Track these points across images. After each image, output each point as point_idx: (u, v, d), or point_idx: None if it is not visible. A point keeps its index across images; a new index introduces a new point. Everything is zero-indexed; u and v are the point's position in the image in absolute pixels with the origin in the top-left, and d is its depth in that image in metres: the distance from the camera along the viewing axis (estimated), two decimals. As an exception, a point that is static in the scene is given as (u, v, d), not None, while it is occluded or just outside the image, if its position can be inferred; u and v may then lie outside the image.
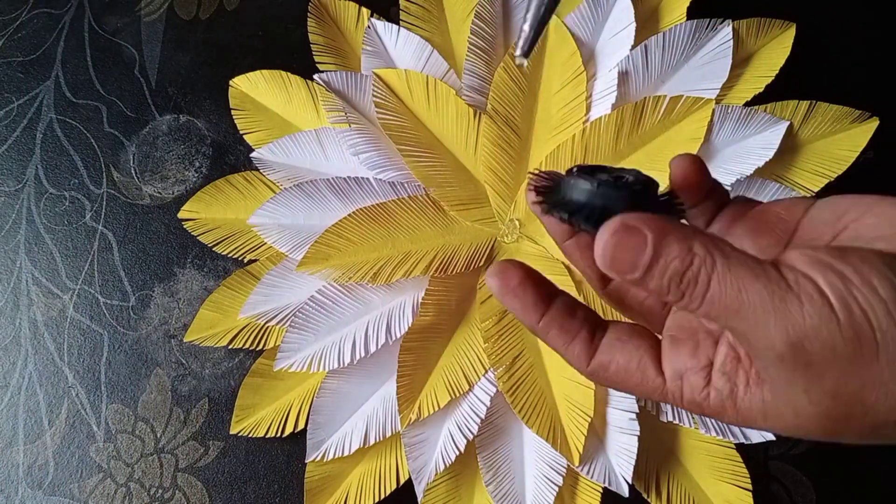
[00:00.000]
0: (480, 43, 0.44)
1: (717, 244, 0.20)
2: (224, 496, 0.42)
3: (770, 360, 0.20)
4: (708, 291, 0.20)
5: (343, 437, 0.40)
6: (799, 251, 0.20)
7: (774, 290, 0.19)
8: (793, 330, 0.19)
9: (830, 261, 0.19)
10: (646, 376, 0.23)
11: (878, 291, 0.18)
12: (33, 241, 0.46)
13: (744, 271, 0.19)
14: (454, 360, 0.41)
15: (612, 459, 0.39)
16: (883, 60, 0.46)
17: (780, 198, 0.41)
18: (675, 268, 0.20)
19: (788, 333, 0.19)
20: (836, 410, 0.19)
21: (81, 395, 0.43)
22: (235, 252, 0.44)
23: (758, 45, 0.43)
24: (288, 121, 0.46)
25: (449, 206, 0.42)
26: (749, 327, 0.19)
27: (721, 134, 0.41)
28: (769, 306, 0.19)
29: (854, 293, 0.18)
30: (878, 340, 0.18)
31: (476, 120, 0.43)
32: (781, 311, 0.19)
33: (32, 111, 0.49)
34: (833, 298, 0.18)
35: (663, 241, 0.20)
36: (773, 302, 0.19)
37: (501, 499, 0.39)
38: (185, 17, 0.50)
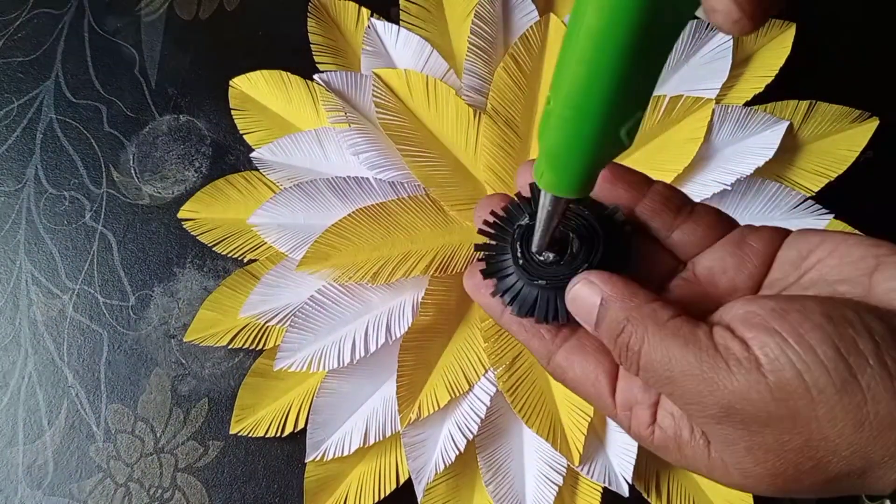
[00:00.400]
0: (480, 43, 0.44)
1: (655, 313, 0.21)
2: (224, 496, 0.42)
3: (707, 423, 0.20)
4: (640, 359, 0.21)
5: (343, 436, 0.40)
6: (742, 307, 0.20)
7: (703, 358, 0.19)
8: (723, 395, 0.19)
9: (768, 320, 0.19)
10: (599, 394, 0.24)
11: (816, 350, 0.18)
12: (33, 241, 0.46)
13: (674, 342, 0.20)
14: (454, 360, 0.41)
15: (613, 459, 0.39)
16: (883, 60, 0.46)
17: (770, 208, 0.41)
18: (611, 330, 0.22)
19: (718, 398, 0.19)
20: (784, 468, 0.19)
21: (81, 395, 0.43)
22: (235, 252, 0.44)
23: (758, 45, 0.43)
24: (288, 121, 0.46)
25: (449, 206, 0.42)
26: (683, 394, 0.20)
27: (721, 134, 0.41)
28: (698, 374, 0.19)
29: (788, 353, 0.18)
30: (814, 398, 0.18)
31: (476, 120, 0.43)
32: (710, 378, 0.19)
33: (32, 111, 0.49)
34: (763, 360, 0.19)
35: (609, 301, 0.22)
36: (701, 370, 0.19)
37: (501, 499, 0.39)
38: (185, 17, 0.50)
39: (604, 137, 0.18)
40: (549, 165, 0.20)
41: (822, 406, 0.18)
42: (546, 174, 0.20)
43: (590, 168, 0.19)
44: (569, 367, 0.24)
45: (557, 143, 0.19)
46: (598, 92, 0.17)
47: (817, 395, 0.18)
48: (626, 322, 0.21)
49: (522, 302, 0.24)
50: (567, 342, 0.24)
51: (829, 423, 0.18)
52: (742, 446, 0.20)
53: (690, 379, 0.19)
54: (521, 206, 0.25)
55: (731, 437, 0.20)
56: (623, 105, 0.17)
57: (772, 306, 0.20)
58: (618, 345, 0.21)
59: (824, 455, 0.19)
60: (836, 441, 0.18)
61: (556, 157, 0.19)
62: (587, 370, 0.24)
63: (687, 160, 0.41)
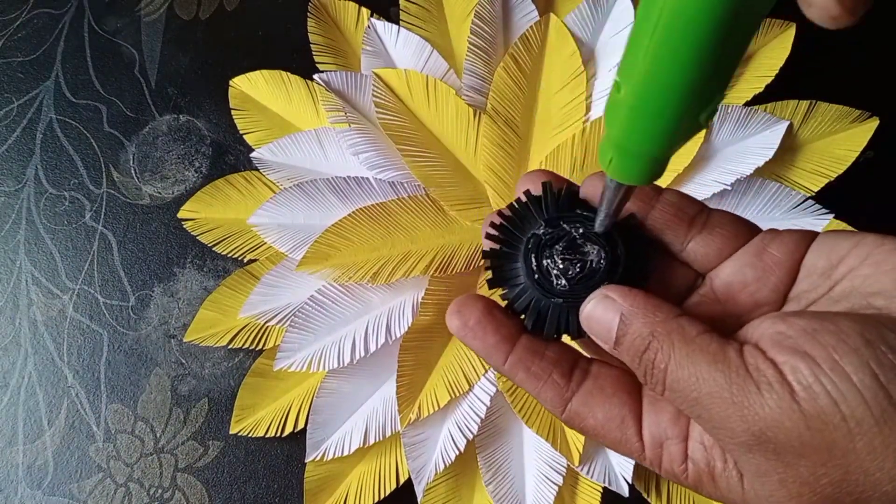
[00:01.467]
0: (480, 43, 0.44)
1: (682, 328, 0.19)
2: (224, 496, 0.42)
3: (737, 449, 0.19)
4: (667, 377, 0.19)
5: (343, 436, 0.40)
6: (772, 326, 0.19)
7: (733, 379, 0.18)
8: (754, 421, 0.18)
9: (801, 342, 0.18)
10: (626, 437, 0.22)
11: (852, 378, 0.17)
12: (33, 241, 0.46)
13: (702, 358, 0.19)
14: (454, 360, 0.41)
15: (613, 459, 0.39)
16: (883, 60, 0.46)
17: (770, 208, 0.41)
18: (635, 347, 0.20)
19: (749, 424, 0.18)
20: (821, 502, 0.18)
21: (81, 395, 0.43)
22: (235, 252, 0.44)
23: (758, 45, 0.43)
24: (288, 121, 0.46)
25: (449, 206, 0.42)
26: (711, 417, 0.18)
27: (721, 134, 0.41)
28: (728, 397, 0.18)
29: (822, 380, 0.17)
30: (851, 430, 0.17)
31: (476, 120, 0.43)
32: (740, 402, 0.18)
33: (32, 111, 0.49)
34: (797, 386, 0.17)
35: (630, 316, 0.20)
36: (731, 392, 0.18)
37: (501, 499, 0.39)
38: (185, 17, 0.50)
39: (684, 124, 0.17)
40: (620, 154, 0.18)
41: (860, 438, 0.17)
42: (616, 162, 0.19)
43: (666, 155, 0.18)
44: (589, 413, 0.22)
45: (631, 132, 0.18)
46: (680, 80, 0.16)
47: (855, 427, 0.17)
48: (651, 338, 0.20)
49: (537, 316, 0.22)
50: (582, 385, 0.22)
51: (869, 457, 0.17)
52: (776, 478, 0.18)
53: (718, 402, 0.18)
54: (531, 207, 0.23)
55: (763, 468, 0.18)
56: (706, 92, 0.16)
57: (803, 326, 0.18)
58: (642, 363, 0.20)
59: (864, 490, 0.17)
60: (877, 475, 0.17)
61: (629, 146, 0.18)
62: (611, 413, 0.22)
63: (687, 160, 0.41)
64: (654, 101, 0.16)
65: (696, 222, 0.22)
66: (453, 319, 0.22)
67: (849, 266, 0.20)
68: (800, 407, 0.17)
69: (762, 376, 0.18)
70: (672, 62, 0.15)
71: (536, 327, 0.22)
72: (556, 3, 0.46)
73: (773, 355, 0.18)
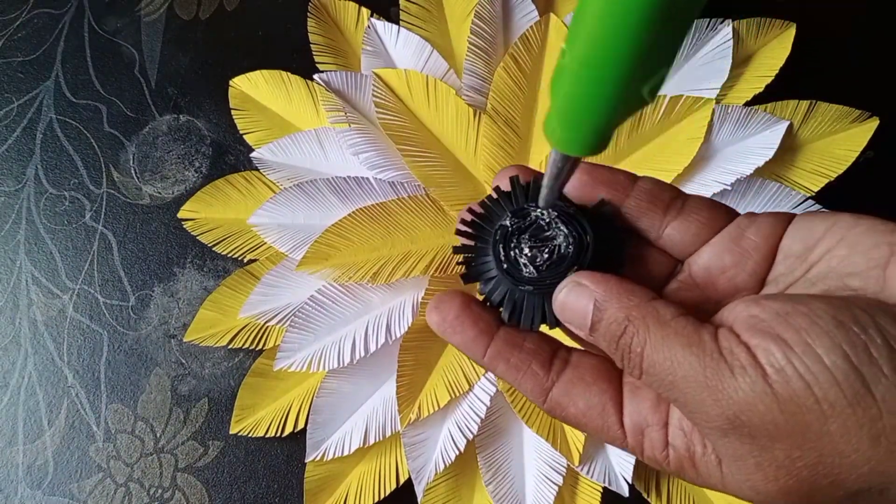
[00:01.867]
0: (480, 43, 0.44)
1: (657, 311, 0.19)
2: (224, 496, 0.42)
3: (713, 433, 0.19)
4: (643, 361, 0.19)
5: (343, 436, 0.40)
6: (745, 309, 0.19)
7: (707, 363, 0.18)
8: (727, 405, 0.18)
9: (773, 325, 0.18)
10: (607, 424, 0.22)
11: (824, 360, 0.17)
12: (33, 241, 0.46)
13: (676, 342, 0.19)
14: (454, 360, 0.41)
15: (613, 459, 0.39)
16: (883, 60, 0.46)
17: (770, 208, 0.41)
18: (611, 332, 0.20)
19: (723, 408, 0.18)
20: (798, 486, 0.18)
21: (81, 394, 0.43)
22: (235, 252, 0.44)
23: (758, 45, 0.43)
24: (288, 121, 0.46)
25: (449, 206, 0.42)
26: (686, 401, 0.18)
27: (721, 134, 0.41)
28: (702, 380, 0.18)
29: (794, 363, 0.17)
30: (824, 412, 0.17)
31: (476, 120, 0.43)
32: (714, 385, 0.18)
33: (32, 111, 0.49)
34: (769, 369, 0.17)
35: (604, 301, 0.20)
36: (705, 376, 0.18)
37: (501, 499, 0.39)
38: (185, 17, 0.50)
39: (625, 95, 0.16)
40: (563, 123, 0.18)
41: (833, 421, 0.17)
42: (558, 131, 0.18)
43: (608, 126, 0.18)
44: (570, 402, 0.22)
45: (572, 100, 0.17)
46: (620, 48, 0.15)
47: (828, 409, 0.17)
48: (626, 322, 0.20)
49: (513, 306, 0.22)
50: (562, 375, 0.22)
51: (843, 439, 0.17)
52: (752, 462, 0.18)
53: (693, 385, 0.18)
54: (501, 202, 0.23)
55: (739, 452, 0.18)
56: (648, 61, 0.16)
57: (776, 309, 0.18)
58: (619, 347, 0.20)
59: (840, 472, 0.17)
60: (852, 457, 0.17)
61: (571, 114, 0.18)
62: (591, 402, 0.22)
63: (687, 160, 0.41)
64: (595, 67, 0.16)
65: (672, 208, 0.23)
66: (432, 315, 0.23)
67: (825, 247, 0.20)
68: (773, 390, 0.17)
69: (735, 360, 0.18)
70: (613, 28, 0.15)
71: (513, 318, 0.23)
72: (556, 3, 0.46)
73: (747, 338, 0.18)
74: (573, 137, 0.18)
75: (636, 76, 0.16)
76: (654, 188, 0.23)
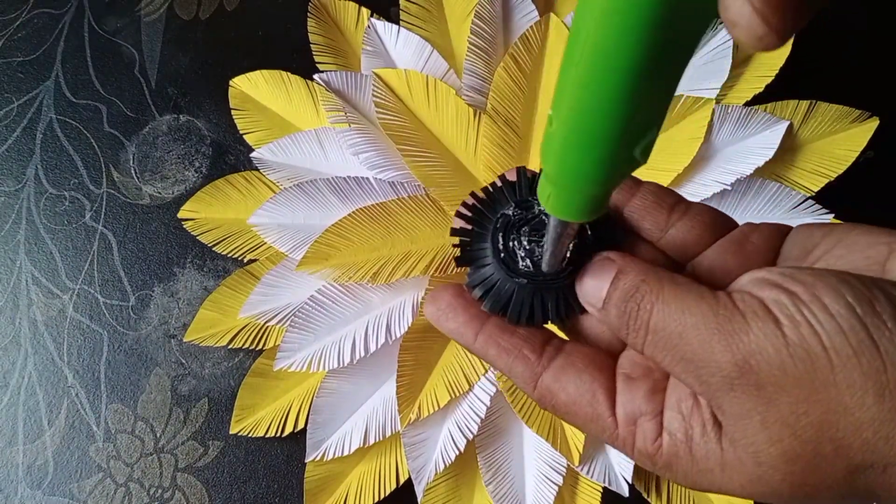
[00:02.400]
0: (480, 43, 0.44)
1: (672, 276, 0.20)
2: (224, 496, 0.42)
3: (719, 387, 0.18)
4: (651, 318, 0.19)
5: (343, 436, 0.40)
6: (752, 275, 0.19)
7: (719, 311, 0.18)
8: (737, 348, 0.18)
9: (780, 279, 0.18)
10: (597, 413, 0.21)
11: (829, 309, 0.17)
12: (33, 241, 0.46)
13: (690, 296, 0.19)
14: (454, 360, 0.41)
15: (613, 459, 0.39)
16: (883, 60, 0.46)
17: (770, 208, 0.41)
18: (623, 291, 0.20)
19: (733, 352, 0.18)
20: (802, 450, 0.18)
21: (81, 394, 0.43)
22: (235, 252, 0.44)
23: (758, 45, 0.43)
24: (288, 121, 0.46)
25: (449, 206, 0.42)
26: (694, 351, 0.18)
27: (721, 134, 0.41)
28: (713, 325, 0.18)
29: (803, 311, 0.17)
30: (831, 360, 0.17)
31: (476, 120, 0.43)
32: (726, 329, 0.18)
33: (32, 111, 0.49)
34: (780, 315, 0.18)
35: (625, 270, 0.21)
36: (717, 321, 0.18)
37: (501, 499, 0.39)
38: (185, 17, 0.50)
39: (615, 160, 0.16)
40: (556, 191, 0.18)
41: (840, 370, 0.17)
42: (553, 199, 0.18)
43: (602, 191, 0.18)
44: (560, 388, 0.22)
45: (564, 168, 0.17)
46: (606, 116, 0.15)
47: (834, 357, 0.17)
48: (640, 283, 0.20)
49: (496, 297, 0.22)
50: (554, 361, 0.22)
51: (849, 391, 0.17)
52: (757, 420, 0.18)
53: (704, 332, 0.18)
54: (504, 191, 0.23)
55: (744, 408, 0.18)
56: (635, 127, 0.15)
57: (782, 271, 0.19)
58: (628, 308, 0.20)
59: (845, 436, 0.17)
60: (857, 414, 0.17)
61: (563, 181, 0.17)
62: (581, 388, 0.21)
63: (687, 160, 0.41)
64: (582, 134, 0.16)
65: (676, 211, 0.23)
66: (428, 306, 0.23)
67: (823, 249, 0.21)
68: (783, 334, 0.17)
69: (748, 307, 0.18)
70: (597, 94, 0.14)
71: (497, 309, 0.22)
72: (556, 3, 0.46)
73: (757, 293, 0.19)
74: (570, 203, 0.18)
75: (626, 139, 0.16)
76: (658, 190, 0.23)
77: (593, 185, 0.17)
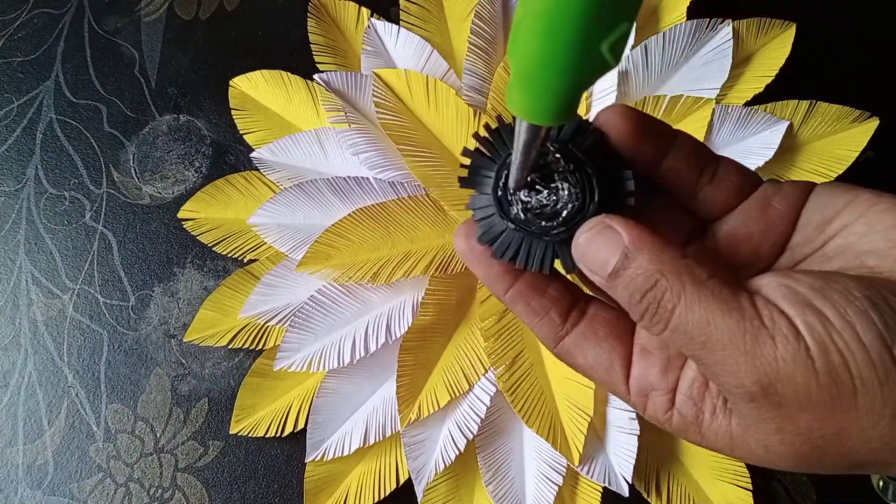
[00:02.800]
0: (480, 43, 0.44)
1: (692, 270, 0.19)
2: (224, 496, 0.42)
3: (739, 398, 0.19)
4: (672, 318, 0.19)
5: (343, 436, 0.40)
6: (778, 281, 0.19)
7: (747, 328, 0.18)
8: (764, 372, 0.18)
9: (811, 298, 0.18)
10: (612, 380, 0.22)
11: (861, 337, 0.17)
12: (33, 241, 0.46)
13: (715, 304, 0.18)
14: (454, 360, 0.41)
15: (612, 459, 0.39)
16: (883, 60, 0.46)
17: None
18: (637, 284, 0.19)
19: (759, 375, 0.18)
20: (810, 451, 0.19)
21: (81, 394, 0.43)
22: (235, 252, 0.44)
23: (758, 45, 0.43)
24: (288, 121, 0.46)
25: (449, 205, 0.42)
26: (717, 362, 0.18)
27: (721, 134, 0.41)
28: (740, 345, 0.18)
29: (834, 337, 0.17)
30: (856, 387, 0.17)
31: (476, 120, 0.43)
32: (753, 351, 0.18)
33: (32, 111, 0.49)
34: (810, 341, 0.17)
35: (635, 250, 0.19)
36: (744, 340, 0.18)
37: (501, 499, 0.39)
38: (185, 17, 0.50)
39: (582, 53, 0.15)
40: (522, 87, 0.17)
41: (863, 396, 0.17)
42: (518, 97, 0.17)
43: (568, 90, 0.17)
44: (580, 353, 0.22)
45: (529, 60, 0.16)
46: None
47: (860, 386, 0.17)
48: (658, 276, 0.19)
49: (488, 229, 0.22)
50: (577, 327, 0.23)
51: (867, 415, 0.17)
52: (773, 427, 0.18)
53: (730, 348, 0.18)
54: None
55: (763, 417, 0.18)
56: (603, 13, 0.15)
57: (811, 283, 0.18)
58: (645, 300, 0.19)
59: (854, 445, 0.18)
60: (870, 433, 0.18)
61: (529, 76, 0.16)
62: (600, 357, 0.22)
63: (687, 160, 0.41)
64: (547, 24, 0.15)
65: (707, 171, 0.23)
66: (460, 241, 0.23)
67: (843, 222, 0.21)
68: (813, 363, 0.17)
69: (777, 328, 0.18)
70: None
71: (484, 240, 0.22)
72: (556, 3, 0.46)
73: (785, 307, 0.18)
74: (535, 104, 0.17)
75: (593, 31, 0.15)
76: (693, 146, 0.22)
77: (559, 77, 0.16)
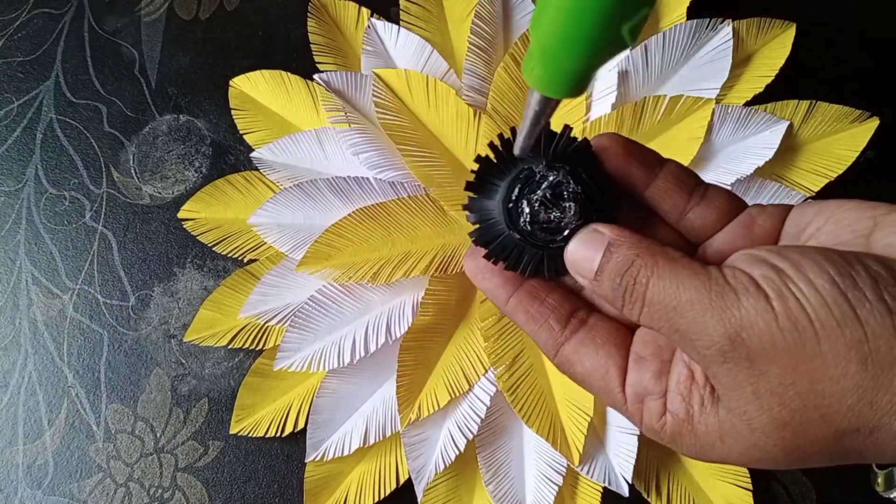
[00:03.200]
0: (480, 43, 0.44)
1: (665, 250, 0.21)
2: (224, 496, 0.42)
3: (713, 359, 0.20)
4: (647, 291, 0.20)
5: (343, 436, 0.40)
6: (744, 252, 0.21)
7: (713, 287, 0.19)
8: (730, 323, 0.19)
9: (767, 256, 0.20)
10: (609, 388, 0.23)
11: (814, 283, 0.18)
12: (33, 241, 0.46)
13: (684, 272, 0.20)
14: (454, 360, 0.41)
15: (612, 459, 0.39)
16: (883, 60, 0.46)
17: (773, 201, 0.41)
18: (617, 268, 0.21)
19: (726, 326, 0.19)
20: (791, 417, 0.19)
21: (81, 394, 0.43)
22: (235, 252, 0.44)
23: (758, 45, 0.43)
24: (288, 121, 0.46)
25: (449, 206, 0.42)
26: (688, 324, 0.20)
27: (721, 134, 0.41)
28: (706, 301, 0.19)
29: (790, 286, 0.19)
30: (817, 332, 0.18)
31: (476, 120, 0.43)
32: (718, 305, 0.19)
33: (32, 111, 0.49)
34: (769, 291, 0.19)
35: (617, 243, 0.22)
36: (709, 297, 0.19)
37: (501, 499, 0.39)
38: (185, 17, 0.50)
39: (605, 34, 0.17)
40: (543, 62, 0.18)
41: (825, 341, 0.18)
42: (537, 70, 0.19)
43: (585, 68, 0.18)
44: (578, 360, 0.24)
45: (553, 37, 0.17)
46: None
47: (820, 329, 0.18)
48: (635, 257, 0.21)
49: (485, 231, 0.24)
50: (576, 334, 0.24)
51: (833, 361, 0.18)
52: (749, 390, 0.19)
53: (698, 307, 0.19)
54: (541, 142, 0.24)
55: (737, 379, 0.19)
56: None
57: (770, 248, 0.20)
58: (623, 282, 0.21)
59: (830, 402, 0.18)
60: (842, 382, 0.18)
61: (551, 52, 0.18)
62: (597, 363, 0.23)
63: (687, 160, 0.41)
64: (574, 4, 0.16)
65: (696, 194, 0.24)
66: (468, 261, 0.25)
67: (815, 227, 0.22)
68: (772, 309, 0.19)
69: (739, 283, 0.19)
70: None
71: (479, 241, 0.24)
72: (556, 3, 0.46)
73: (748, 269, 0.20)
74: (553, 78, 0.19)
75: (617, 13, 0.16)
76: (681, 172, 0.24)
77: (579, 55, 0.18)
